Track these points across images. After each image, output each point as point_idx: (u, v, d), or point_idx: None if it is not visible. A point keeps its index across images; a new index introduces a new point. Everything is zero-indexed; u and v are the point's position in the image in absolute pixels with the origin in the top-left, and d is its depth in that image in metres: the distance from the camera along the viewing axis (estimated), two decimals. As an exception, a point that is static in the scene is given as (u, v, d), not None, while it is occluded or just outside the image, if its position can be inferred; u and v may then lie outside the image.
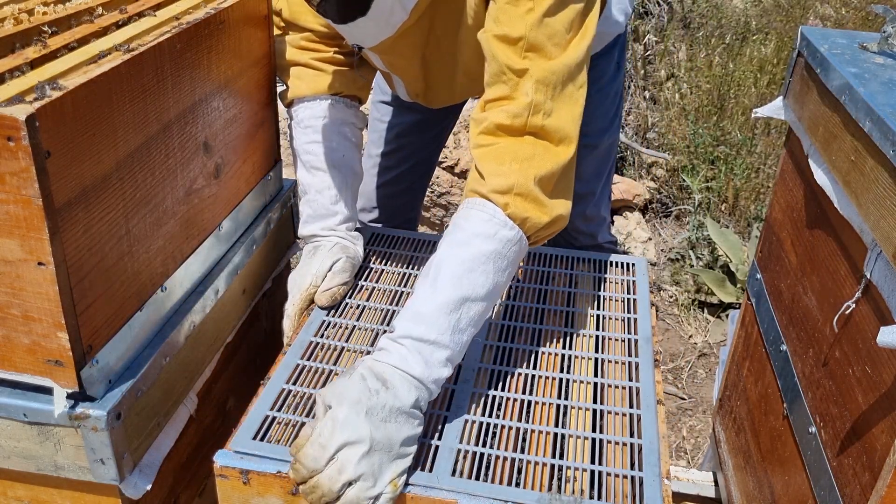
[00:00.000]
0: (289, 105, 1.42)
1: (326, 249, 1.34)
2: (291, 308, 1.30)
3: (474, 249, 1.05)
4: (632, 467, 1.03)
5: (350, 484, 0.93)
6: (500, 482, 0.99)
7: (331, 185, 1.38)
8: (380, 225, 1.81)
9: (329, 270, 1.31)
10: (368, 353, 1.20)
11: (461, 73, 1.38)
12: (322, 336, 1.24)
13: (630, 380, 1.18)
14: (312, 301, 1.31)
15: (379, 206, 1.81)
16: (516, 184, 1.06)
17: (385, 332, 1.25)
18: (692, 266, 2.85)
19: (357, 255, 1.38)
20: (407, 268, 1.44)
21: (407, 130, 1.75)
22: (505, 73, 1.10)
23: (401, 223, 1.83)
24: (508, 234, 1.07)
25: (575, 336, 1.27)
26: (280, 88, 1.44)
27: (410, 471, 0.99)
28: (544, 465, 1.02)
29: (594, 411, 1.11)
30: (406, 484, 0.98)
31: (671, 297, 2.78)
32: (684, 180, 3.27)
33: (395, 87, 1.50)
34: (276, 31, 1.40)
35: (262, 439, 1.03)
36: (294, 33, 1.39)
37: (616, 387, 1.16)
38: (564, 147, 1.10)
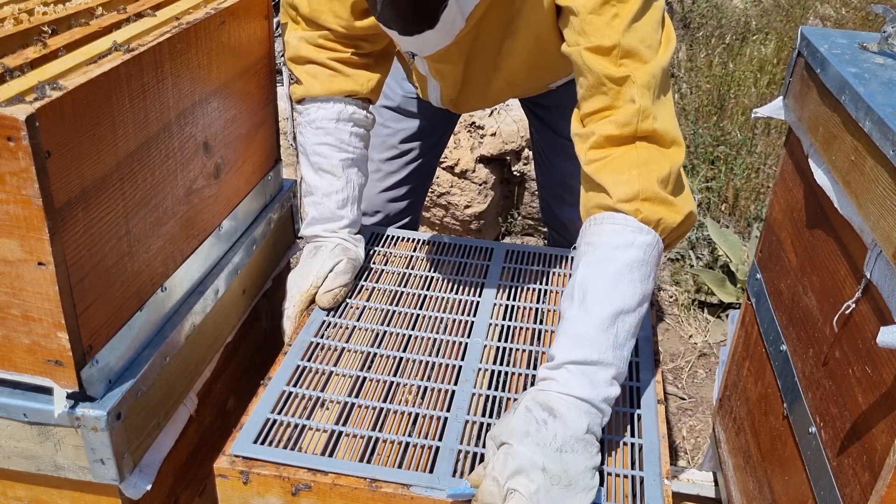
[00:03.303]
0: (299, 101, 1.41)
1: (328, 250, 1.34)
2: (292, 309, 1.30)
3: (618, 262, 1.04)
4: (632, 467, 1.03)
5: None
6: (501, 482, 0.99)
7: (339, 189, 1.38)
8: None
9: (330, 271, 1.31)
10: (369, 353, 1.21)
11: (501, 80, 1.39)
12: (322, 336, 1.24)
13: (630, 379, 1.18)
14: (313, 301, 1.31)
15: (381, 211, 1.82)
16: (641, 189, 1.05)
17: (385, 332, 1.25)
18: (692, 266, 2.85)
19: (358, 257, 1.38)
20: (407, 268, 1.44)
21: (411, 136, 1.75)
22: (604, 83, 1.09)
23: (402, 226, 1.83)
24: (646, 238, 1.05)
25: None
26: (280, 84, 1.44)
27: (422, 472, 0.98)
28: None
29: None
30: None
31: (671, 297, 2.78)
32: (684, 180, 3.27)
33: (427, 92, 1.50)
34: (291, 23, 1.38)
35: (262, 442, 1.03)
36: (311, 30, 1.37)
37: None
38: (676, 148, 1.10)
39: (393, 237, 1.53)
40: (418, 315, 1.30)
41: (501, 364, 1.20)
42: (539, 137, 1.79)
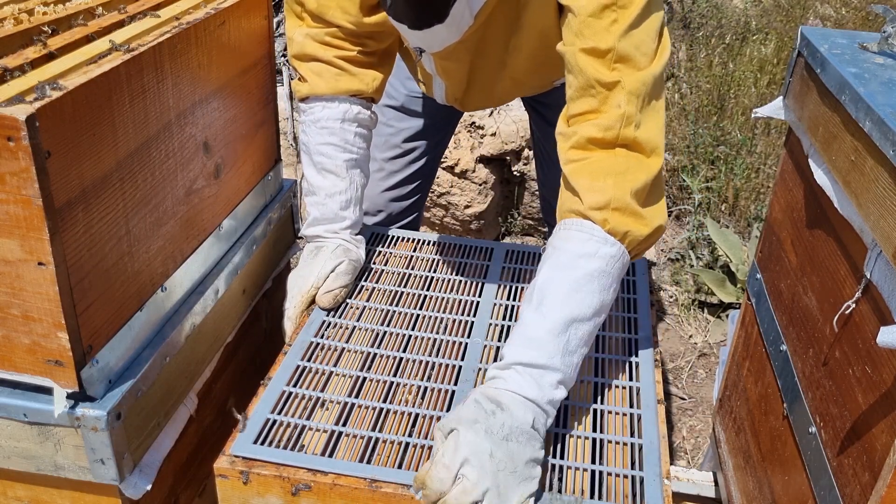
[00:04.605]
0: (303, 99, 1.40)
1: (329, 251, 1.34)
2: (293, 309, 1.30)
3: (579, 271, 1.05)
4: (632, 467, 1.03)
5: None
6: (501, 482, 0.99)
7: (342, 190, 1.38)
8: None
9: (332, 272, 1.31)
10: (369, 353, 1.21)
11: (507, 79, 1.39)
12: (322, 336, 1.24)
13: (630, 379, 1.18)
14: (313, 302, 1.31)
15: (384, 210, 1.82)
16: (613, 198, 1.06)
17: (385, 332, 1.25)
18: (692, 266, 2.85)
19: (359, 258, 1.38)
20: (407, 268, 1.43)
21: (414, 135, 1.75)
22: (594, 86, 1.10)
23: (404, 226, 1.83)
24: (610, 250, 1.07)
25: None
26: (280, 84, 1.44)
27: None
28: (545, 464, 1.02)
29: (594, 411, 1.11)
30: None
31: (671, 297, 2.78)
32: (684, 180, 3.27)
33: (432, 90, 1.50)
34: (296, 19, 1.38)
35: (262, 443, 1.03)
36: (318, 27, 1.35)
37: (616, 386, 1.16)
38: (655, 157, 1.11)
39: (393, 237, 1.53)
40: (418, 315, 1.30)
41: (501, 364, 1.19)
42: (540, 135, 1.79)
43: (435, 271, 1.43)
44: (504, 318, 1.30)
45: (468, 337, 1.25)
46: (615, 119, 1.08)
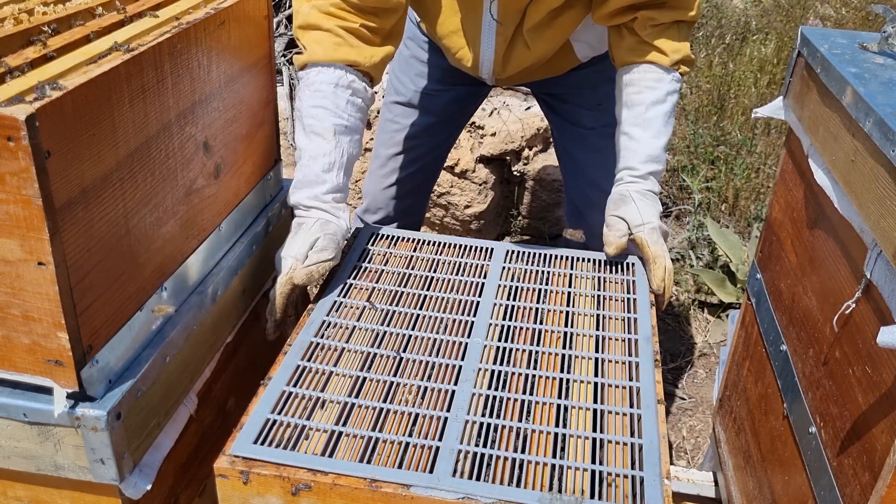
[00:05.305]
0: (301, 68, 1.40)
1: (307, 229, 1.32)
2: (276, 290, 1.29)
3: (668, 104, 1.50)
4: (632, 467, 1.03)
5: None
6: (501, 482, 0.99)
7: (326, 153, 1.36)
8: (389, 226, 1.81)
9: (310, 249, 1.30)
10: (370, 353, 1.20)
11: (541, 23, 1.54)
12: (322, 336, 1.24)
13: (630, 379, 1.18)
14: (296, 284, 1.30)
15: (384, 207, 1.81)
16: (685, 55, 1.49)
17: (385, 332, 1.25)
18: (692, 266, 2.85)
19: (339, 229, 1.35)
20: (407, 268, 1.43)
21: (418, 133, 1.75)
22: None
23: (405, 225, 1.83)
24: (678, 86, 1.52)
25: (575, 336, 1.27)
26: (280, 84, 1.44)
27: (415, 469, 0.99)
28: (544, 465, 1.02)
29: (594, 411, 1.11)
30: None
31: (671, 297, 2.78)
32: (684, 180, 3.27)
33: (478, 60, 1.58)
34: None
35: (262, 443, 1.03)
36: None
37: (616, 386, 1.16)
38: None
39: (393, 237, 1.53)
40: (418, 315, 1.30)
41: (501, 364, 1.19)
42: (559, 135, 1.80)
43: (435, 271, 1.43)
44: (504, 318, 1.30)
45: (468, 337, 1.25)
46: (693, 16, 1.52)
